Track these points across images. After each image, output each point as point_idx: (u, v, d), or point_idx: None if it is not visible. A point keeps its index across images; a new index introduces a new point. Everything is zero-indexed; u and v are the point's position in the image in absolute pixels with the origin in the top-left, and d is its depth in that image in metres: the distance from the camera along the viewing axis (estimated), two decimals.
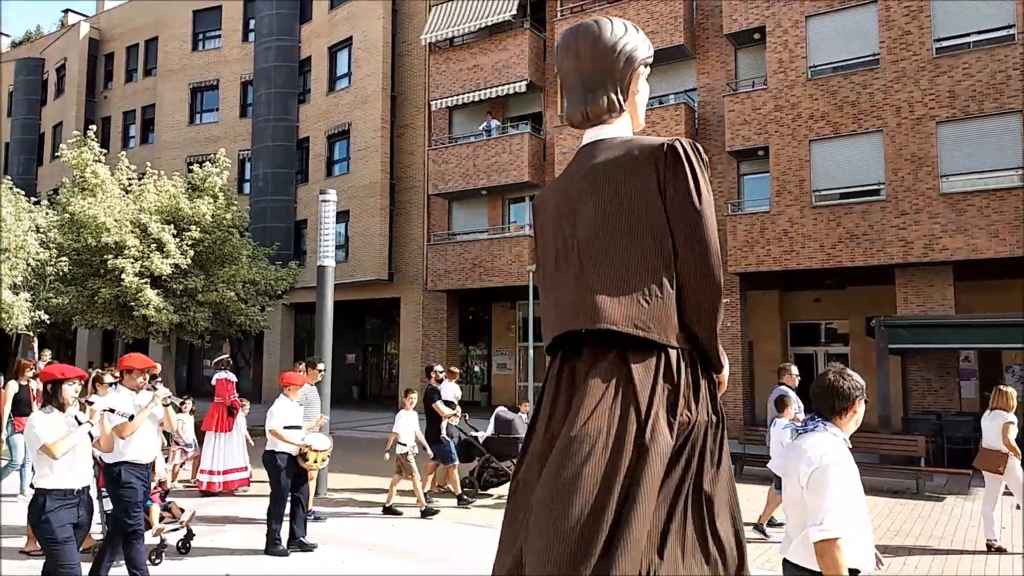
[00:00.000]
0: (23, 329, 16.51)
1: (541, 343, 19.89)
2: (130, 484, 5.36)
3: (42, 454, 4.52)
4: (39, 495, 4.57)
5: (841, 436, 2.92)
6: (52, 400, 4.72)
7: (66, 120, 33.75)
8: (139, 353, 5.50)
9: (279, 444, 7.25)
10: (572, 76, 2.45)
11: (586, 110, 2.42)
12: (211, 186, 17.70)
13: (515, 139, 21.32)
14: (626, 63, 2.42)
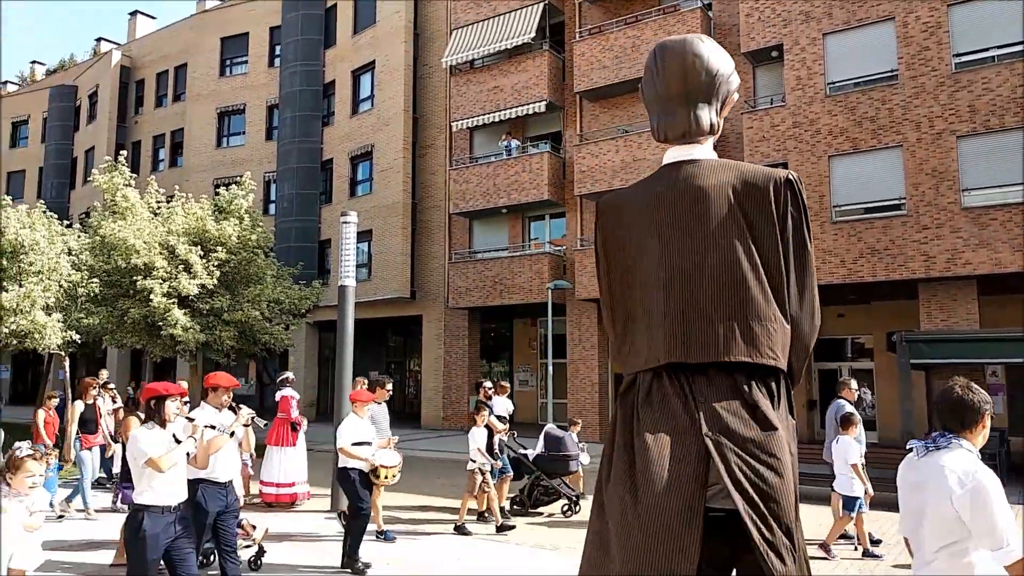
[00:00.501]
0: (55, 349, 16.92)
1: (562, 359, 19.95)
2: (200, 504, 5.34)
3: (145, 469, 4.54)
4: (138, 512, 4.57)
5: (975, 452, 2.87)
6: (155, 416, 4.72)
7: (98, 145, 34.63)
8: (224, 372, 5.61)
9: (350, 461, 7.31)
10: (676, 91, 2.39)
11: (690, 127, 2.39)
12: (237, 208, 18.10)
13: (535, 158, 21.55)
14: (728, 89, 2.41)
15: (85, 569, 7.01)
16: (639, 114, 20.64)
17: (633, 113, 20.75)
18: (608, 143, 20.13)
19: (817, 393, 19.85)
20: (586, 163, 20.38)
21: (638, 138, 19.60)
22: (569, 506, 10.00)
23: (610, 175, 19.95)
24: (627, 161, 19.69)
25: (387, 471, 7.54)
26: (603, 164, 20.10)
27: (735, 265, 2.24)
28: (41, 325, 16.11)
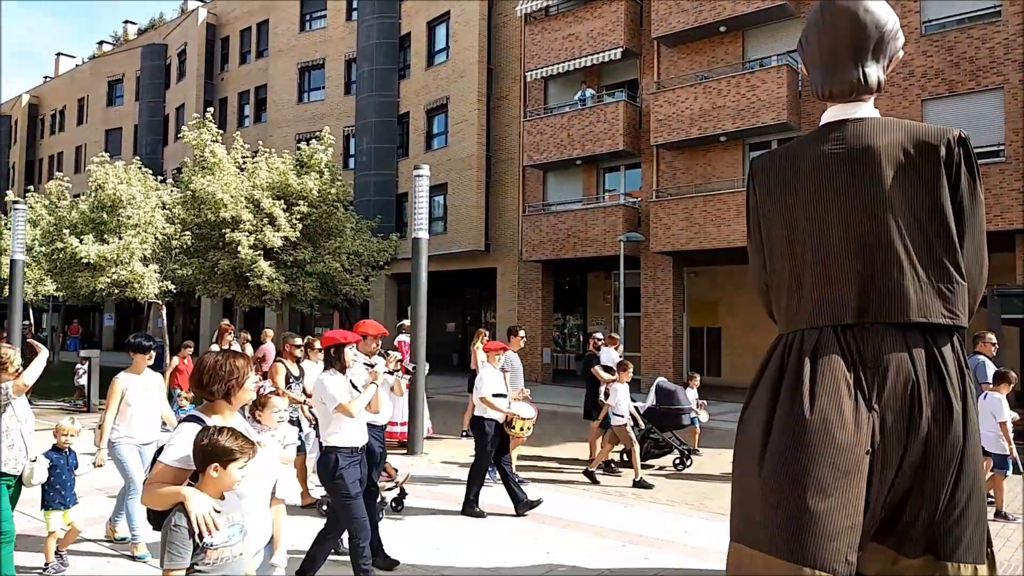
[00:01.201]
0: (153, 298, 17.98)
1: (635, 312, 19.84)
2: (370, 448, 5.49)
3: (335, 414, 4.82)
4: (330, 452, 4.86)
5: None
6: (335, 363, 5.00)
7: (187, 102, 35.94)
8: (372, 320, 5.79)
9: (488, 411, 7.30)
10: (844, 46, 2.35)
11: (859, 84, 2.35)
12: (317, 162, 18.59)
13: (610, 107, 21.19)
14: (896, 45, 2.38)
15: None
16: (719, 59, 19.95)
17: (713, 58, 20.07)
18: (686, 90, 19.58)
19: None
20: (663, 111, 19.91)
21: (717, 84, 18.99)
22: (680, 459, 9.87)
23: (688, 124, 19.46)
24: (706, 109, 19.14)
25: (523, 423, 7.50)
26: (681, 112, 19.60)
27: (911, 225, 2.24)
28: (140, 275, 17.10)
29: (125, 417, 5.85)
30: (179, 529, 2.54)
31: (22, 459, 4.84)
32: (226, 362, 2.93)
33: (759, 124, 18.31)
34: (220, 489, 2.66)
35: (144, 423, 5.97)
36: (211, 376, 2.90)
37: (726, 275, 21.31)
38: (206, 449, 2.63)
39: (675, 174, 20.71)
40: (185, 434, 2.79)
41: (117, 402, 5.83)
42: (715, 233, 18.75)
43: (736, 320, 21.24)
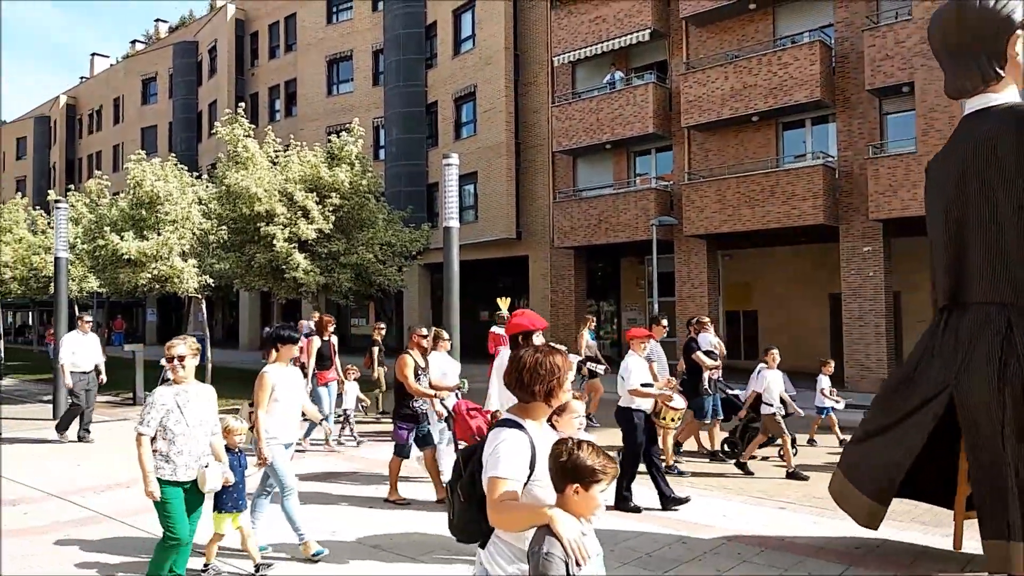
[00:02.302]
0: (193, 292, 18.30)
1: (670, 297, 19.74)
2: None
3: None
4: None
5: None
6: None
7: (219, 98, 36.41)
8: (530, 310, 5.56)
9: (635, 401, 7.02)
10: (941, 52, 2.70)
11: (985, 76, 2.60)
12: (348, 154, 18.71)
13: (639, 90, 20.97)
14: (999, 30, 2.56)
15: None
16: (750, 37, 19.62)
17: (743, 36, 19.74)
18: (717, 70, 19.29)
19: None
20: (693, 92, 19.66)
21: (748, 63, 18.68)
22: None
23: (719, 104, 19.19)
24: (737, 88, 18.85)
25: (674, 413, 7.14)
26: (711, 92, 19.33)
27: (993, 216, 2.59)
28: (179, 270, 17.40)
29: (273, 414, 5.57)
30: (552, 558, 2.22)
31: (193, 464, 4.61)
32: (546, 359, 2.64)
33: (792, 102, 17.98)
34: (580, 512, 2.35)
35: (291, 420, 5.73)
36: (532, 375, 2.61)
37: (761, 257, 21.04)
38: (566, 467, 2.34)
39: (707, 156, 20.46)
40: (511, 442, 2.50)
41: (268, 398, 5.54)
42: (749, 215, 18.51)
43: (772, 302, 20.97)
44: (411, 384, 7.31)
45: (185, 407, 4.59)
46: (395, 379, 7.47)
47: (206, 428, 4.71)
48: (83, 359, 10.82)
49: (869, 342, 17.45)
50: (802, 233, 18.80)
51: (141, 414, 4.55)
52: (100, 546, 5.90)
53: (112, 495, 7.62)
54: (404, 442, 7.38)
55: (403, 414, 7.40)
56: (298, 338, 5.85)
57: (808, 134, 19.25)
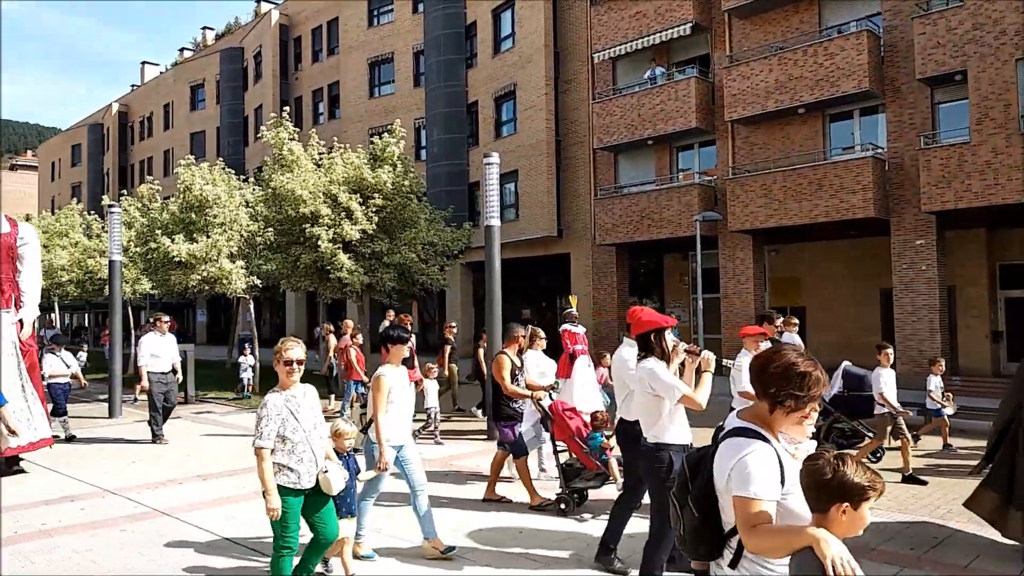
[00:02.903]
0: (241, 293, 18.68)
1: (714, 294, 19.50)
2: None
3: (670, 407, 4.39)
4: (662, 450, 4.44)
5: None
6: (654, 349, 4.52)
7: (265, 103, 37.09)
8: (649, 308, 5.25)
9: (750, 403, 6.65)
10: None
11: None
12: (390, 155, 18.89)
13: (681, 84, 20.73)
14: None
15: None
16: (795, 28, 19.24)
17: (788, 28, 19.36)
18: (760, 63, 18.96)
19: (1003, 324, 18.15)
20: (737, 85, 19.35)
21: (793, 54, 18.32)
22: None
23: (763, 96, 18.86)
24: (782, 80, 18.50)
25: None
26: (755, 86, 19.00)
27: None
28: (227, 272, 17.79)
29: (388, 416, 5.45)
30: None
31: (314, 470, 4.41)
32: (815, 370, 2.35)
33: (839, 94, 17.58)
34: (846, 532, 2.12)
35: (403, 423, 5.58)
36: (794, 381, 2.33)
37: (809, 251, 20.61)
38: (831, 486, 2.11)
39: (752, 150, 20.13)
40: (761, 457, 2.29)
41: (385, 400, 5.42)
42: (796, 209, 18.15)
43: (821, 297, 20.53)
44: (507, 386, 7.18)
45: (298, 412, 4.37)
46: (492, 380, 7.37)
47: (320, 431, 4.52)
48: (162, 360, 10.90)
49: (923, 338, 16.98)
50: (851, 227, 18.37)
51: (256, 427, 4.31)
52: (153, 541, 6.06)
53: (165, 491, 7.82)
54: (515, 439, 7.25)
55: (504, 414, 7.27)
56: (408, 337, 5.67)
57: (856, 125, 18.80)
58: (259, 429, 4.28)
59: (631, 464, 5.27)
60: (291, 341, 4.42)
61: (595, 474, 6.79)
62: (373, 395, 5.46)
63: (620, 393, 5.36)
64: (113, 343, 13.88)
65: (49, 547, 5.89)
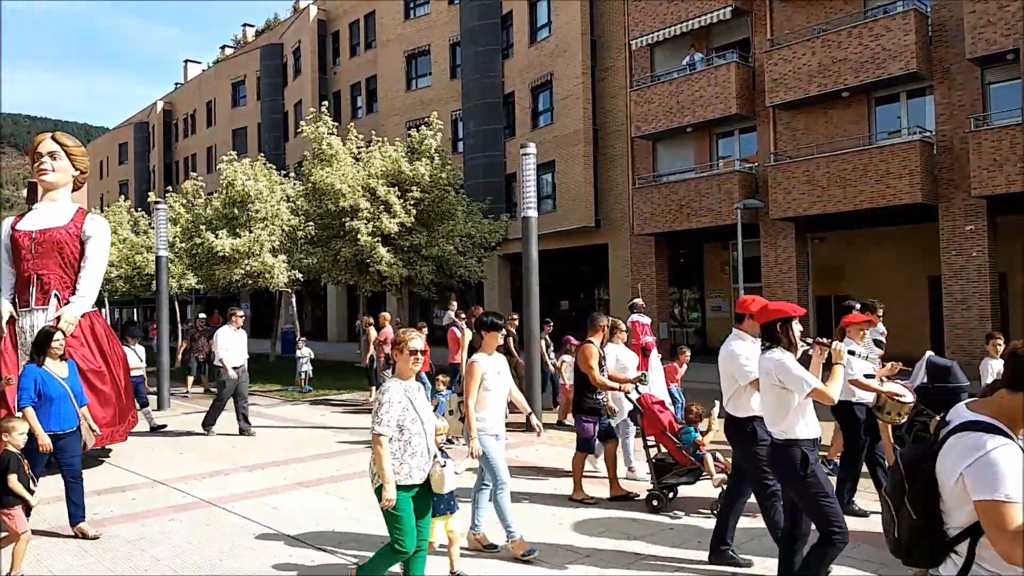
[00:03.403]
0: (283, 287, 18.99)
1: (756, 283, 19.18)
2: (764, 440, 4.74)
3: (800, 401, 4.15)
4: (792, 446, 4.16)
5: None
6: (780, 340, 4.26)
7: (304, 98, 37.48)
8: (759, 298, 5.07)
9: (856, 394, 6.34)
10: None
11: None
12: (427, 148, 18.98)
13: (720, 70, 20.38)
14: None
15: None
16: (838, 9, 18.76)
17: (831, 9, 18.88)
18: (803, 45, 18.54)
19: None
20: (778, 70, 18.96)
21: (837, 36, 17.87)
22: None
23: (806, 81, 18.44)
24: (825, 64, 18.06)
25: (900, 407, 6.27)
26: (798, 70, 18.59)
27: None
28: (270, 266, 18.12)
29: (483, 404, 5.35)
30: None
31: (425, 465, 4.22)
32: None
33: (885, 76, 17.10)
34: None
35: (501, 410, 5.48)
36: None
37: (854, 239, 20.14)
38: None
39: (794, 135, 19.73)
40: (1010, 455, 2.09)
41: (477, 387, 5.33)
42: (840, 195, 17.75)
43: (867, 286, 20.02)
44: (596, 376, 6.86)
45: (416, 402, 4.21)
46: (576, 370, 7.13)
47: (431, 426, 4.33)
48: (236, 354, 10.94)
49: (972, 327, 16.48)
50: (898, 213, 17.90)
51: (376, 413, 4.13)
52: (200, 530, 6.20)
53: (212, 482, 7.99)
54: (590, 436, 6.99)
55: (587, 407, 7.00)
56: (503, 325, 5.57)
57: (903, 108, 18.28)
58: (379, 415, 4.09)
59: (741, 461, 5.11)
60: (413, 331, 4.34)
61: (688, 470, 6.55)
62: (466, 382, 5.38)
63: (728, 388, 5.08)
64: (160, 337, 14.21)
65: (102, 536, 6.05)
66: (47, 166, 9.17)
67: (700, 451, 6.51)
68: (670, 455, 6.67)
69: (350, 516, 6.56)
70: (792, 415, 4.17)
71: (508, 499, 5.38)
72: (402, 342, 4.24)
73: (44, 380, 5.97)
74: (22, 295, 8.82)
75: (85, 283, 8.88)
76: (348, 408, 13.80)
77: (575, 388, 7.22)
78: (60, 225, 8.89)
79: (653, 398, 7.02)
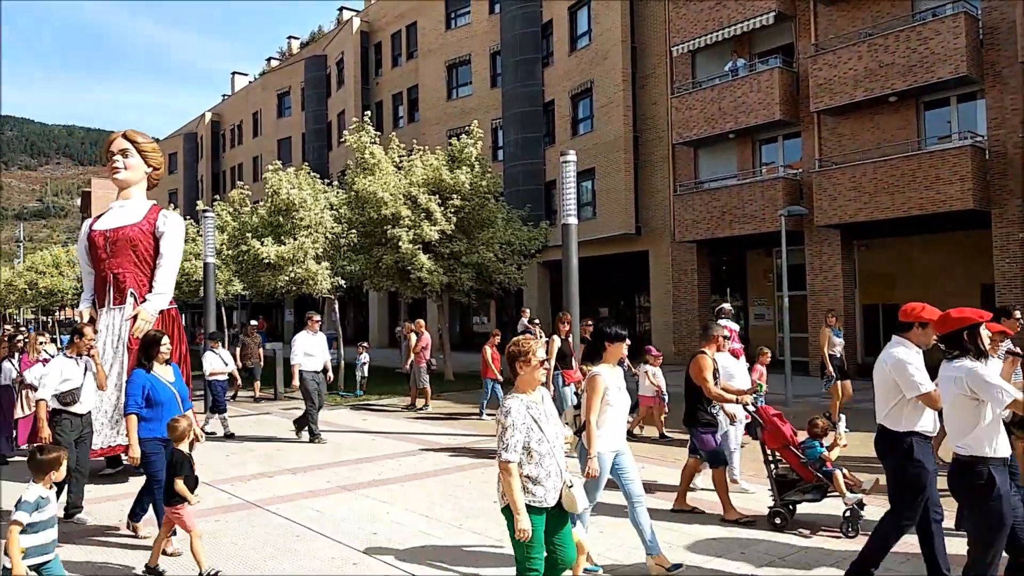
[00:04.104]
0: (326, 293, 19.26)
1: (800, 291, 18.86)
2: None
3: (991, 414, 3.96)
4: (980, 464, 3.91)
5: None
6: (969, 347, 4.11)
7: (347, 108, 38.09)
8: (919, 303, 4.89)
9: None
10: None
11: None
12: (468, 156, 19.12)
13: (763, 75, 20.14)
14: None
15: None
16: (885, 13, 18.41)
17: (877, 12, 18.54)
18: (848, 50, 18.23)
19: None
20: (823, 75, 18.67)
21: (884, 40, 17.53)
22: None
23: (852, 85, 18.12)
24: (872, 68, 17.73)
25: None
26: (843, 74, 18.28)
27: None
28: (313, 272, 18.39)
29: (603, 420, 5.05)
30: None
31: (558, 484, 3.90)
32: None
33: (934, 80, 16.72)
34: None
35: (621, 426, 5.19)
36: None
37: (903, 246, 19.68)
38: None
39: (839, 141, 19.39)
40: None
41: (599, 401, 5.02)
42: (888, 202, 17.38)
43: (915, 295, 19.47)
44: (711, 388, 6.54)
45: (542, 420, 3.90)
46: (687, 381, 6.77)
47: (561, 441, 4.04)
48: (315, 359, 10.81)
49: None
50: (948, 219, 17.45)
51: (501, 437, 3.82)
52: (245, 532, 6.32)
53: (256, 484, 8.15)
54: (715, 447, 6.65)
55: (703, 420, 6.66)
56: (625, 335, 5.25)
57: (953, 113, 17.84)
58: (504, 440, 3.80)
59: (897, 478, 4.70)
60: (533, 341, 4.00)
61: (813, 486, 6.18)
62: (588, 396, 5.04)
63: (888, 399, 4.69)
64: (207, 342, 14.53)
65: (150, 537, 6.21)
66: (119, 164, 9.06)
67: (827, 467, 6.17)
68: (793, 470, 6.32)
69: (392, 520, 6.63)
70: (981, 430, 3.88)
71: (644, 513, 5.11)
72: (528, 351, 3.90)
73: (153, 386, 5.84)
74: (101, 295, 8.75)
75: (161, 280, 8.70)
76: (389, 413, 13.95)
77: (687, 400, 6.80)
78: (133, 222, 8.77)
79: (771, 409, 6.63)
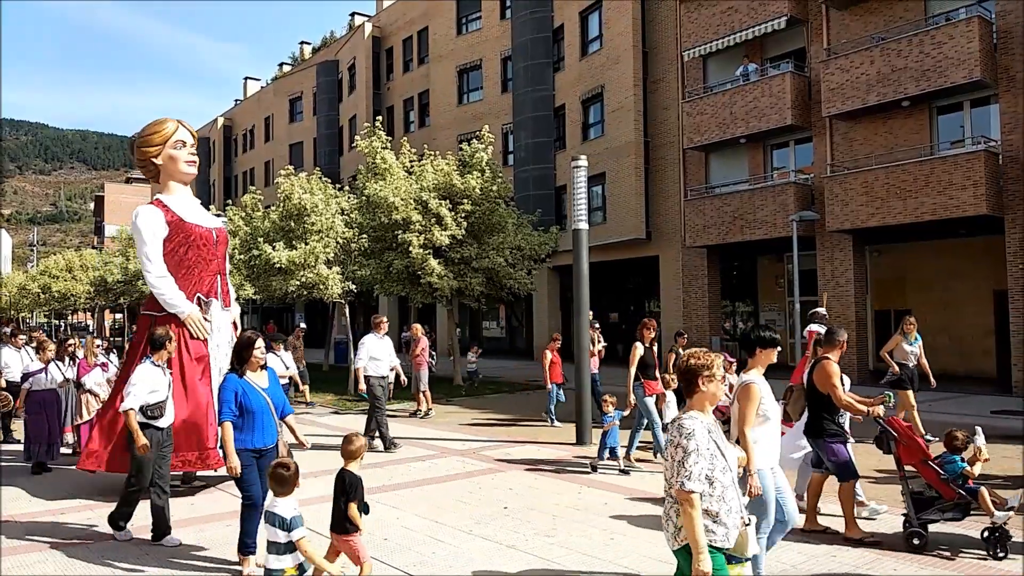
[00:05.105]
0: (337, 298, 19.33)
1: (811, 297, 18.82)
2: None
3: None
4: None
5: None
6: None
7: (358, 113, 38.27)
8: None
9: None
10: None
11: None
12: (479, 161, 19.16)
13: (775, 80, 20.10)
14: None
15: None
16: (897, 17, 18.35)
17: (890, 17, 18.48)
18: (861, 55, 18.17)
19: None
20: (835, 79, 18.61)
21: (897, 44, 17.46)
22: None
23: (864, 90, 18.05)
24: (884, 73, 17.66)
25: None
26: (855, 79, 18.21)
27: None
28: (324, 277, 18.46)
29: (760, 433, 4.63)
30: None
31: (738, 521, 3.33)
32: None
33: (948, 84, 16.64)
34: None
35: (776, 439, 4.76)
36: None
37: (915, 251, 19.58)
38: None
39: (851, 146, 19.31)
40: None
41: (754, 413, 4.57)
42: (900, 207, 17.29)
43: (928, 300, 19.46)
44: (841, 396, 6.01)
45: (723, 445, 3.35)
46: (811, 389, 6.22)
47: (735, 463, 3.44)
48: (382, 363, 10.52)
49: None
50: (960, 225, 17.35)
51: (682, 463, 3.22)
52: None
53: None
54: (847, 459, 6.10)
55: (831, 431, 6.10)
56: (777, 341, 4.85)
57: (967, 117, 17.74)
58: (686, 466, 3.19)
59: None
60: (714, 353, 3.48)
61: (954, 504, 5.80)
62: (742, 406, 4.59)
63: None
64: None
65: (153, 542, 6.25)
66: (195, 157, 8.35)
67: (970, 484, 5.78)
68: (930, 487, 5.94)
69: (402, 525, 6.64)
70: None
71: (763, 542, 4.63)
72: (710, 365, 3.35)
73: (246, 392, 5.43)
74: (206, 294, 8.26)
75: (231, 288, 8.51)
76: (397, 418, 13.96)
77: (811, 411, 6.23)
78: (223, 224, 8.59)
79: (900, 421, 6.22)
